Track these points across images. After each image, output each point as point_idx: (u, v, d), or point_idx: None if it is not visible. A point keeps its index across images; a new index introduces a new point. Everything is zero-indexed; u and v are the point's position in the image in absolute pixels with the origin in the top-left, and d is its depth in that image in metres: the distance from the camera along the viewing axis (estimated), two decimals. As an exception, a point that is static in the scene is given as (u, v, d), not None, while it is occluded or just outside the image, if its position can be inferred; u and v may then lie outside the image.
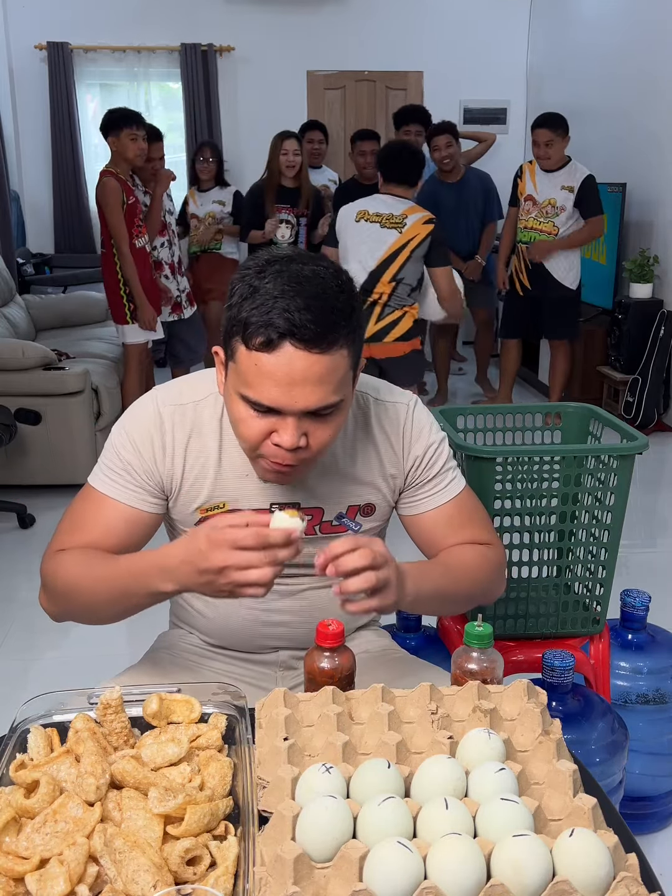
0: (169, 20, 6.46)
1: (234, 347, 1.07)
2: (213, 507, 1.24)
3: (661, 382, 4.72)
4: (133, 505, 1.22)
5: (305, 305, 1.02)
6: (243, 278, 1.07)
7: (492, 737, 0.91)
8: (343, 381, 1.09)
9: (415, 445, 1.28)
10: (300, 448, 1.08)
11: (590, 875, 0.75)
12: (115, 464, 1.22)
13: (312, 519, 1.25)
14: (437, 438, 1.30)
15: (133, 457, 1.21)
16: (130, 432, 1.22)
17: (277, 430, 1.07)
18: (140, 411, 1.24)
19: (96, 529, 1.21)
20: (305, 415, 1.07)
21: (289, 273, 1.04)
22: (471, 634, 1.05)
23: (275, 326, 1.01)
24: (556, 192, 4.43)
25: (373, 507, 1.29)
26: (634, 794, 1.81)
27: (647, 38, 5.02)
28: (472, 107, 6.75)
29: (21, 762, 0.90)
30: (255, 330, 1.02)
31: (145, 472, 1.21)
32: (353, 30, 6.61)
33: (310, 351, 1.02)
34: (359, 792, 0.86)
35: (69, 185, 6.67)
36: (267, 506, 1.23)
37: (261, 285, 1.04)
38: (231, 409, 1.12)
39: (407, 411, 1.29)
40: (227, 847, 0.81)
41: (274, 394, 1.04)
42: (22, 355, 3.75)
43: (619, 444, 1.65)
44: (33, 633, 2.84)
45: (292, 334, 1.01)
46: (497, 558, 1.32)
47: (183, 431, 1.21)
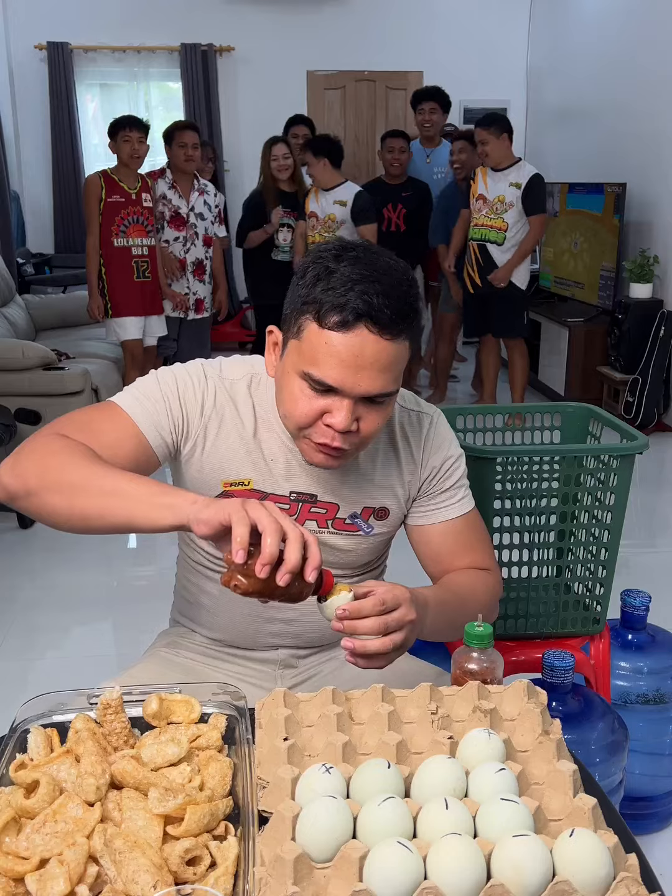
0: (169, 20, 6.47)
1: (301, 325, 1.08)
2: (238, 483, 1.23)
3: (661, 382, 4.72)
4: (149, 438, 1.17)
5: (384, 291, 1.04)
6: (317, 260, 1.08)
7: (492, 737, 0.91)
8: (401, 371, 1.11)
9: (434, 456, 1.30)
10: (350, 432, 1.10)
11: (590, 875, 0.75)
12: (153, 393, 1.19)
13: (327, 513, 1.27)
14: (456, 453, 1.33)
15: (173, 397, 1.19)
16: (179, 378, 1.21)
17: (331, 411, 1.08)
18: (190, 369, 1.23)
19: (106, 440, 1.13)
20: (360, 400, 1.08)
21: (366, 260, 1.07)
22: (471, 634, 1.05)
23: (353, 307, 1.03)
24: (506, 189, 4.54)
25: (387, 512, 1.30)
26: (634, 794, 1.81)
27: (647, 38, 5.02)
28: (472, 107, 6.75)
29: (21, 762, 0.90)
30: (331, 308, 1.04)
31: (176, 417, 1.19)
32: (353, 30, 6.62)
33: (382, 336, 1.05)
34: (359, 792, 0.86)
35: (69, 185, 6.68)
36: (286, 493, 1.24)
37: (338, 268, 1.06)
38: (285, 387, 1.12)
39: (431, 422, 1.31)
40: (227, 847, 0.81)
41: (339, 374, 1.06)
42: (22, 355, 3.75)
43: (619, 444, 1.65)
44: (33, 634, 2.84)
45: (370, 316, 1.03)
46: (497, 587, 1.34)
47: (222, 403, 1.22)
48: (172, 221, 4.36)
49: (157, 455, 1.20)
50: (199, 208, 4.45)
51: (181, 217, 4.38)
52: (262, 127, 5.58)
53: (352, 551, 1.31)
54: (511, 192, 4.51)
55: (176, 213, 4.36)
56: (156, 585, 1.61)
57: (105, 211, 4.10)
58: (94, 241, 4.14)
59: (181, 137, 4.28)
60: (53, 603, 2.98)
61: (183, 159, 4.31)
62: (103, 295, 4.22)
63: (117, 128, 4.06)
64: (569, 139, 6.17)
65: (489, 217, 4.60)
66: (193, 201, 4.41)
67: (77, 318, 5.30)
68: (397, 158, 5.00)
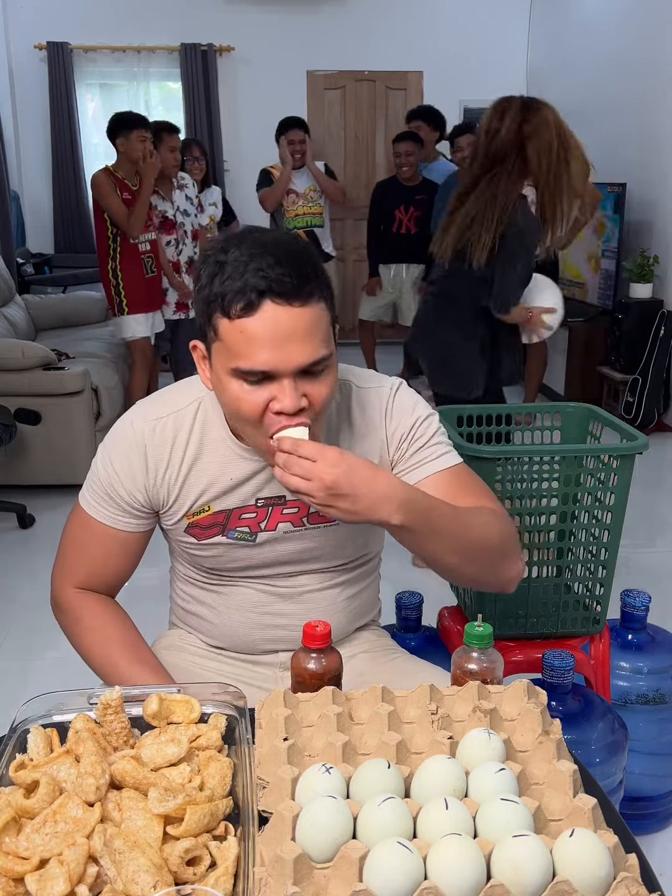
0: (169, 20, 6.47)
1: (215, 325, 1.06)
2: (200, 511, 1.24)
3: (661, 382, 4.72)
4: (120, 528, 1.26)
5: (276, 261, 1.02)
6: (206, 260, 1.07)
7: (492, 737, 0.91)
8: (328, 334, 1.08)
9: (399, 425, 1.24)
10: (303, 410, 1.06)
11: (590, 875, 0.75)
12: (100, 488, 1.25)
13: (299, 511, 1.24)
14: (424, 414, 1.26)
15: (115, 480, 1.23)
16: (111, 457, 1.24)
17: (276, 398, 1.05)
18: (120, 433, 1.25)
19: (96, 556, 1.28)
20: (299, 375, 1.05)
21: (251, 240, 1.06)
22: (471, 634, 1.05)
23: (252, 287, 1.01)
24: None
25: None
26: (634, 794, 1.81)
27: (648, 38, 5.02)
28: (472, 107, 6.73)
29: (21, 762, 0.90)
30: (233, 297, 1.02)
31: (128, 493, 1.23)
32: (353, 30, 6.61)
33: (291, 304, 1.02)
34: (359, 792, 0.86)
35: (69, 185, 6.68)
36: (252, 502, 1.23)
37: (227, 257, 1.04)
38: (225, 393, 1.10)
39: (389, 394, 1.25)
40: (227, 847, 0.81)
41: (266, 356, 1.03)
42: (22, 355, 3.75)
43: (619, 444, 1.65)
44: (33, 634, 2.83)
45: (271, 290, 1.01)
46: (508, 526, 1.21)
47: (165, 445, 1.21)
48: (162, 226, 4.35)
49: (140, 531, 1.28)
50: (182, 205, 4.43)
51: (170, 221, 4.37)
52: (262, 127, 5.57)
53: (336, 544, 1.28)
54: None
55: (164, 218, 4.35)
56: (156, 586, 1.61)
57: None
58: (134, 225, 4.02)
59: (170, 141, 4.24)
60: (53, 603, 2.97)
61: (172, 164, 4.28)
62: (118, 293, 4.17)
63: (131, 126, 3.97)
64: (569, 139, 6.17)
65: None
66: (177, 201, 4.40)
67: (77, 318, 5.29)
68: (406, 162, 4.99)
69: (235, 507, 1.23)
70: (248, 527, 1.24)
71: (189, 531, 1.25)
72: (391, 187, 5.14)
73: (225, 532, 1.24)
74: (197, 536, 1.25)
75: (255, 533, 1.24)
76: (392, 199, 5.04)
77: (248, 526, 1.24)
